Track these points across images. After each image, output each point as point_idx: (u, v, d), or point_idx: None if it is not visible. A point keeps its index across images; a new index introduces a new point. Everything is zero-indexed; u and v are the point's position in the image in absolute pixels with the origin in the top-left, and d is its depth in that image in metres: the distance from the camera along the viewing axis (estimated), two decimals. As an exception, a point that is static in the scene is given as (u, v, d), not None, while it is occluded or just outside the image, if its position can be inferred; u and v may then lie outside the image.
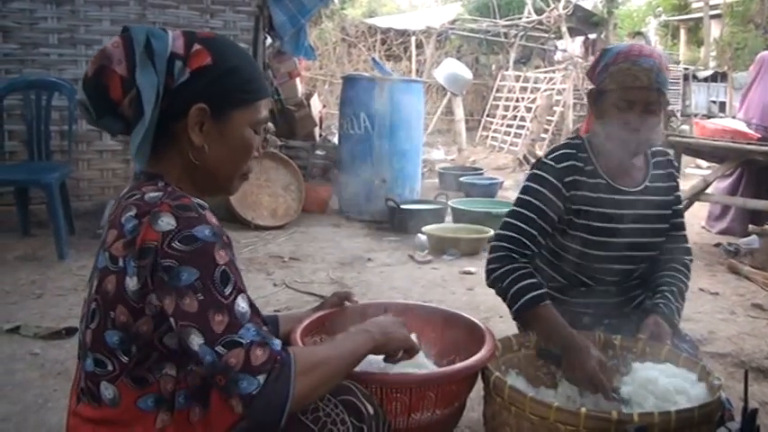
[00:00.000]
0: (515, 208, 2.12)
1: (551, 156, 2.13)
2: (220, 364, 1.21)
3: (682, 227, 2.28)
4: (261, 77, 1.47)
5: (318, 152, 6.62)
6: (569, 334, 1.91)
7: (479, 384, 1.85)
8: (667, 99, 2.09)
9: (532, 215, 2.07)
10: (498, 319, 3.54)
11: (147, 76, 1.32)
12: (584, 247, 2.10)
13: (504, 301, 2.06)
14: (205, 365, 1.23)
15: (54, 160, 4.95)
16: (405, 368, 1.70)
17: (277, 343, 1.27)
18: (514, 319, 2.11)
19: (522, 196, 2.12)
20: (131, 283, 1.28)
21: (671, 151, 2.64)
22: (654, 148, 2.23)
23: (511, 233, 2.08)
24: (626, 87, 1.98)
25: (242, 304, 1.27)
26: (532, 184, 2.10)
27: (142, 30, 1.36)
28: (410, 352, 1.61)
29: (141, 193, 1.34)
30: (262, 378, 1.21)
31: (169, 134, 1.38)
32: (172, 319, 1.26)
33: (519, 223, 2.08)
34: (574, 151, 2.12)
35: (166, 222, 1.26)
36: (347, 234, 5.66)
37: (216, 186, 1.48)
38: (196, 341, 1.23)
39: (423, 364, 1.83)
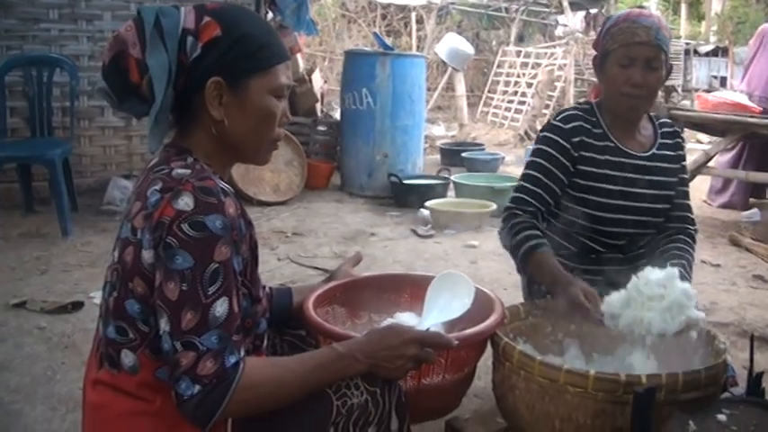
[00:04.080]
0: (525, 170, 2.21)
1: (559, 117, 2.22)
2: (172, 357, 1.25)
3: (687, 196, 2.32)
4: (276, 41, 1.44)
5: (320, 128, 6.61)
6: (558, 270, 1.99)
7: (485, 354, 1.87)
8: (671, 64, 2.16)
9: (539, 175, 2.16)
10: (502, 292, 3.56)
11: (156, 56, 1.32)
12: (591, 209, 2.15)
13: (515, 257, 2.13)
14: (163, 349, 1.27)
15: (56, 137, 4.95)
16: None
17: (233, 358, 1.27)
18: (519, 271, 2.18)
19: (531, 158, 2.21)
20: (147, 255, 1.30)
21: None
22: (661, 120, 2.31)
23: (517, 194, 2.18)
24: (627, 44, 2.06)
25: (219, 308, 1.27)
26: (541, 146, 2.20)
27: (152, 10, 1.35)
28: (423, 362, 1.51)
29: (170, 168, 1.35)
30: (197, 388, 1.24)
31: (192, 109, 1.39)
32: (155, 293, 1.28)
33: (526, 184, 2.17)
34: (582, 113, 2.20)
35: (185, 202, 1.27)
36: (350, 209, 5.67)
37: (243, 157, 1.49)
38: (163, 326, 1.27)
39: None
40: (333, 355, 1.42)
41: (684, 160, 2.30)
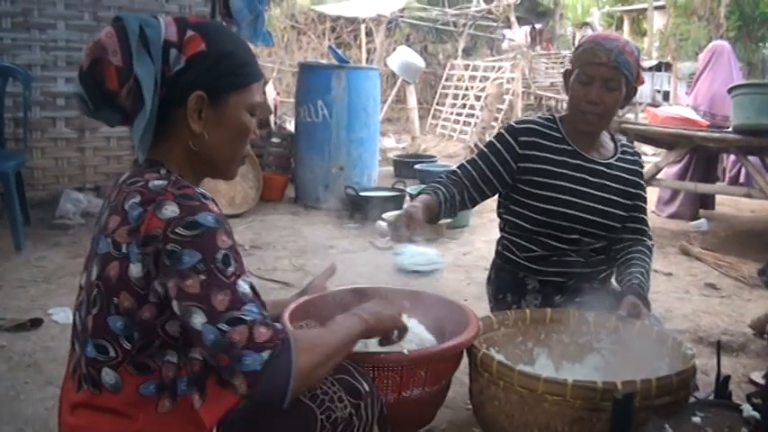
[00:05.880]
0: (472, 155, 2.40)
1: (517, 120, 2.42)
2: (224, 341, 1.23)
3: (644, 212, 2.43)
4: (254, 60, 1.47)
5: (274, 140, 6.58)
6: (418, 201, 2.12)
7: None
8: (635, 87, 2.28)
9: (480, 161, 2.32)
10: (462, 303, 3.61)
11: (144, 65, 1.32)
12: (545, 204, 2.27)
13: None
14: (208, 345, 1.24)
15: (8, 149, 4.81)
16: (407, 343, 1.74)
17: (278, 324, 1.30)
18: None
19: (481, 147, 2.39)
20: (135, 269, 1.29)
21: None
22: (622, 141, 2.47)
23: (457, 169, 2.35)
24: (587, 63, 2.21)
25: (243, 285, 1.28)
26: (492, 139, 2.39)
27: (135, 19, 1.35)
28: (401, 332, 1.65)
29: (144, 181, 1.34)
30: (266, 354, 1.23)
31: (168, 121, 1.38)
32: (175, 302, 1.27)
33: (466, 164, 2.36)
34: (541, 121, 2.36)
35: (170, 210, 1.27)
36: (306, 222, 5.66)
37: (215, 171, 1.49)
38: (198, 320, 1.24)
39: (425, 339, 1.87)
40: (345, 316, 1.51)
41: (642, 178, 2.43)
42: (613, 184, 2.32)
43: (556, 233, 2.30)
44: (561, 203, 2.26)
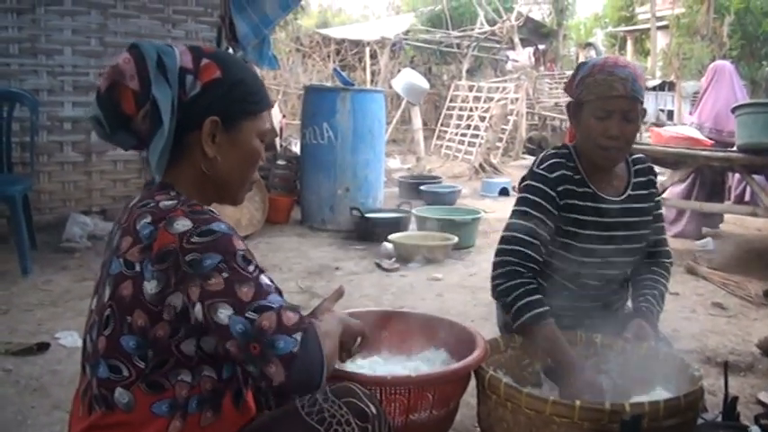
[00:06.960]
0: (515, 220, 2.14)
1: (543, 166, 2.17)
2: (253, 329, 1.27)
3: (662, 231, 2.35)
4: (264, 88, 1.52)
5: (280, 162, 6.62)
6: (569, 358, 1.96)
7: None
8: (645, 108, 2.14)
9: (533, 225, 2.09)
10: (469, 324, 3.60)
11: (162, 90, 1.36)
12: (569, 253, 2.15)
13: (508, 314, 2.07)
14: (237, 336, 1.27)
15: (15, 173, 4.84)
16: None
17: (301, 311, 1.35)
18: (515, 332, 2.11)
19: (520, 208, 2.15)
20: (149, 286, 1.30)
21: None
22: (635, 156, 2.29)
23: (514, 246, 2.10)
24: (603, 97, 2.04)
25: (265, 279, 1.33)
26: (529, 195, 2.15)
27: (152, 47, 1.40)
28: (365, 341, 1.63)
29: (155, 202, 1.37)
30: (298, 336, 1.28)
31: (181, 145, 1.42)
32: (198, 306, 1.28)
33: (521, 235, 2.10)
34: (563, 160, 2.17)
35: (182, 224, 1.30)
36: (312, 244, 5.67)
37: (225, 195, 1.52)
38: (225, 313, 1.27)
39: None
40: (326, 319, 1.50)
41: (657, 196, 2.30)
42: (631, 219, 2.19)
43: (573, 279, 2.20)
44: (586, 253, 2.14)
